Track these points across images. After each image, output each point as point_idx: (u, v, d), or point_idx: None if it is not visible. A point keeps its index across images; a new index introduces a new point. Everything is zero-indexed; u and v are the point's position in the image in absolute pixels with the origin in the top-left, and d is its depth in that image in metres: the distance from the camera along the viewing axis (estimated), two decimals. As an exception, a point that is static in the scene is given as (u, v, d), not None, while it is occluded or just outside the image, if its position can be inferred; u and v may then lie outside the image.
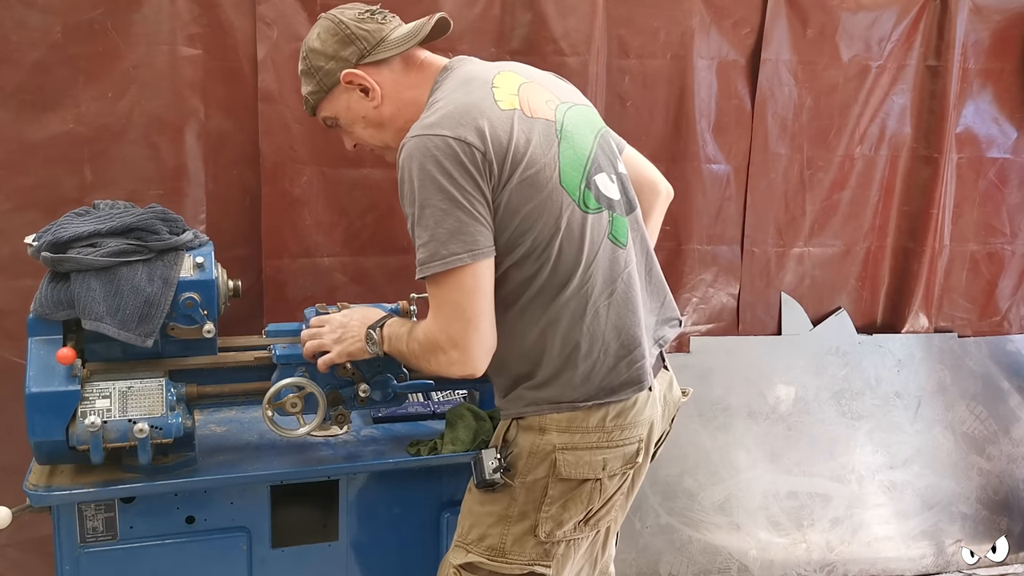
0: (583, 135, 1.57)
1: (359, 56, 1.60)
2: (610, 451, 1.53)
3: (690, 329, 2.91)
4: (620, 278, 1.54)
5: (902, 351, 3.11)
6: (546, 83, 1.65)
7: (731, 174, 2.84)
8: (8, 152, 2.17)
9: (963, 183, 3.08)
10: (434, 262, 1.40)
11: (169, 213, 1.77)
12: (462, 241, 1.40)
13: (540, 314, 1.50)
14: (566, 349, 1.50)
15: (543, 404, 1.51)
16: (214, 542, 1.72)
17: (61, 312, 1.61)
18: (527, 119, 1.50)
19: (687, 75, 2.70)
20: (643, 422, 1.57)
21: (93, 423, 1.52)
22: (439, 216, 1.39)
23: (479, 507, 1.57)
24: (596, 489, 1.53)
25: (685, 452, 2.90)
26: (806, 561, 3.00)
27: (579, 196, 1.51)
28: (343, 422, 1.82)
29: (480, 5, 2.48)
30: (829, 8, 2.80)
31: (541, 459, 1.51)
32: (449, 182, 1.39)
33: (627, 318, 1.54)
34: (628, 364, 1.53)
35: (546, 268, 1.48)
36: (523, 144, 1.46)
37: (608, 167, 1.60)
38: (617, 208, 1.58)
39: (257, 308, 2.42)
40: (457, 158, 1.40)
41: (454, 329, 1.43)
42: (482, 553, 1.55)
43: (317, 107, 1.69)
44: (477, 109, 1.46)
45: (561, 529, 1.53)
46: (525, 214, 1.46)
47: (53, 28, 2.15)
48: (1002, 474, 3.20)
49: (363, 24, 1.60)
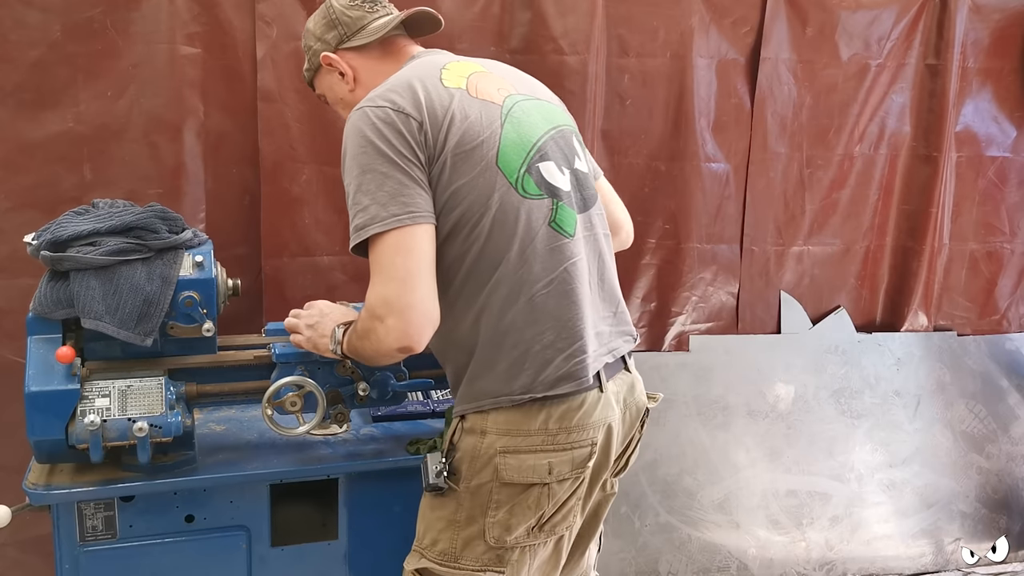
0: (533, 123, 1.55)
1: (339, 40, 1.67)
2: (556, 454, 1.46)
3: (690, 328, 2.91)
4: (563, 268, 1.48)
5: (901, 350, 3.12)
6: (511, 78, 1.64)
7: (730, 173, 2.84)
8: (7, 151, 2.18)
9: (962, 182, 3.08)
10: (374, 224, 1.39)
11: (168, 212, 1.77)
12: (402, 203, 1.39)
13: (474, 300, 1.47)
14: (497, 336, 1.46)
15: (482, 399, 1.46)
16: (213, 541, 1.72)
17: (60, 311, 1.61)
18: (470, 98, 1.50)
19: (686, 74, 2.70)
20: (594, 425, 1.49)
21: (92, 422, 1.52)
22: (379, 179, 1.40)
23: (430, 512, 1.54)
24: (544, 494, 1.47)
25: (684, 451, 2.90)
26: (805, 560, 3.00)
27: (516, 179, 1.48)
28: (342, 421, 1.82)
29: (480, 4, 2.48)
30: (829, 7, 2.80)
31: (484, 463, 1.46)
32: (389, 148, 1.41)
33: (567, 310, 1.48)
34: (567, 358, 1.46)
35: (475, 247, 1.45)
36: (460, 119, 1.46)
37: (560, 159, 1.55)
38: (564, 199, 1.52)
39: (256, 307, 2.42)
40: (395, 126, 1.42)
41: (390, 290, 1.38)
42: (435, 558, 1.51)
43: (312, 83, 1.79)
44: (419, 82, 1.48)
45: (511, 535, 1.47)
46: (455, 189, 1.44)
47: (52, 27, 2.15)
48: (1001, 473, 3.20)
49: (350, 10, 1.67)
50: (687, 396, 2.91)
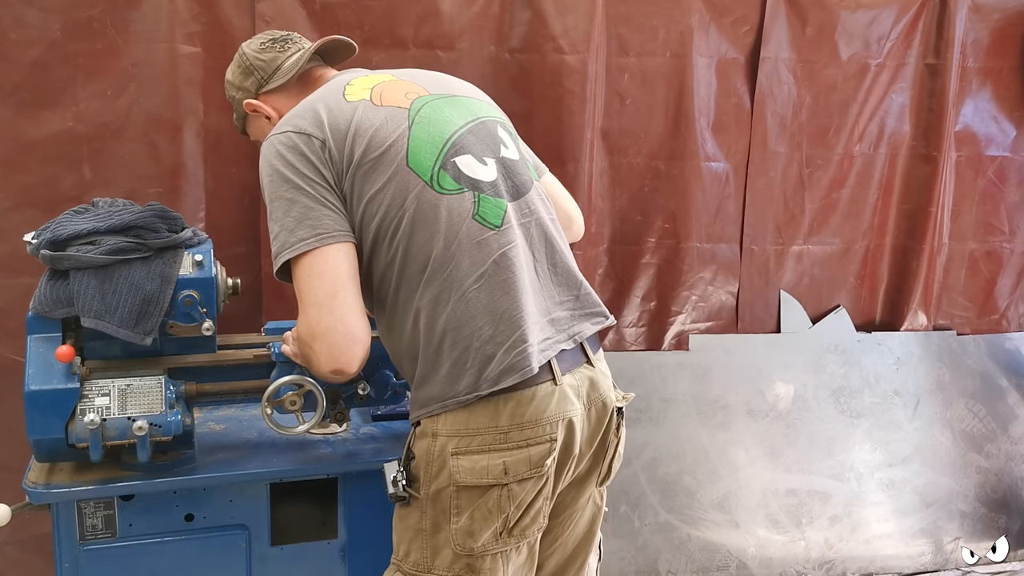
0: (446, 120, 1.53)
1: (258, 85, 1.72)
2: (510, 453, 1.41)
3: (689, 327, 2.91)
4: (492, 260, 1.44)
5: (901, 349, 3.12)
6: (424, 82, 1.62)
7: (730, 172, 2.84)
8: (7, 150, 2.17)
9: (962, 181, 3.08)
10: (284, 251, 1.41)
11: (168, 211, 1.77)
12: (309, 226, 1.41)
13: (410, 305, 1.45)
14: (435, 339, 1.43)
15: (431, 403, 1.44)
16: (213, 540, 1.72)
17: (60, 310, 1.61)
18: (373, 107, 1.51)
19: (686, 73, 2.70)
20: (549, 419, 1.44)
21: (92, 421, 1.52)
22: (286, 206, 1.42)
23: (400, 522, 1.52)
24: (505, 496, 1.42)
25: (684, 450, 2.90)
26: (805, 559, 3.00)
27: (431, 177, 1.46)
28: (342, 420, 1.82)
29: (479, 3, 2.48)
30: (828, 6, 2.80)
31: (439, 467, 1.43)
32: (292, 172, 1.43)
33: (502, 302, 1.43)
34: (507, 350, 1.41)
35: (400, 253, 1.44)
36: (364, 129, 1.47)
37: (480, 150, 1.53)
38: (488, 190, 1.49)
39: (256, 306, 2.42)
40: (297, 149, 1.44)
41: (311, 317, 1.38)
42: (410, 570, 1.48)
43: (245, 131, 1.83)
44: (321, 103, 1.50)
45: (476, 542, 1.43)
46: (370, 198, 1.45)
47: (52, 26, 2.15)
48: (1000, 472, 3.20)
49: (262, 55, 1.71)
50: (686, 395, 2.91)
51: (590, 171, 2.64)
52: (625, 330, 2.85)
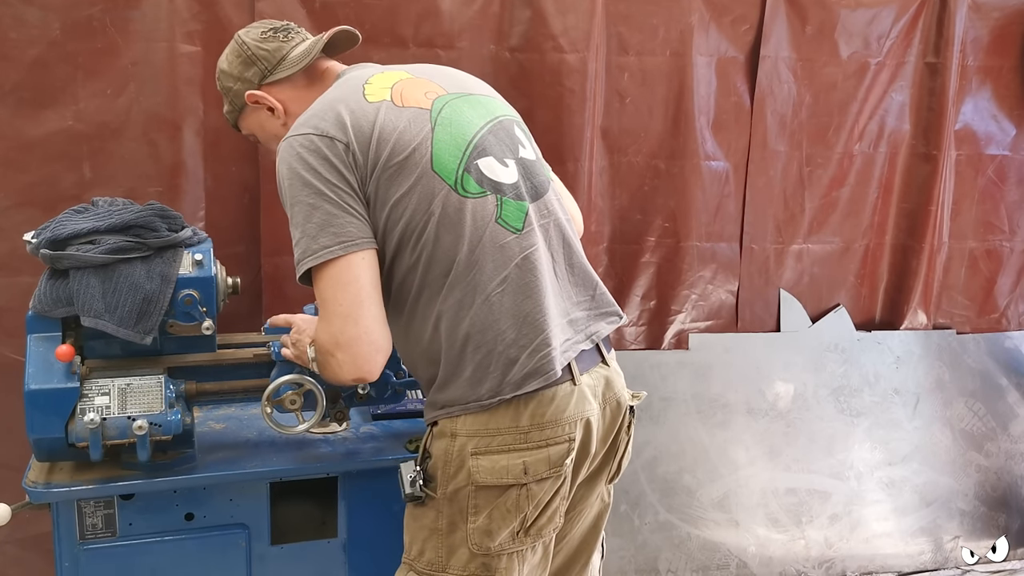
0: (467, 121, 1.51)
1: (261, 76, 1.64)
2: (530, 453, 1.42)
3: (689, 326, 2.91)
4: (514, 263, 1.44)
5: (901, 348, 3.12)
6: (440, 79, 1.59)
7: (730, 171, 2.84)
8: (7, 149, 2.17)
9: (962, 180, 3.08)
10: (307, 258, 1.38)
11: (168, 210, 1.77)
12: (332, 234, 1.37)
13: (431, 310, 1.44)
14: (458, 342, 1.43)
15: (452, 406, 1.44)
16: (213, 539, 1.72)
17: (60, 309, 1.61)
18: (395, 108, 1.47)
19: (686, 72, 2.70)
20: (568, 420, 1.45)
21: (92, 420, 1.52)
22: (307, 212, 1.38)
23: (413, 522, 1.51)
24: (523, 496, 1.42)
25: (684, 449, 2.90)
26: (805, 557, 3.00)
27: (455, 180, 1.44)
28: (342, 419, 1.82)
29: (479, 2, 2.48)
30: (828, 5, 2.80)
31: (457, 467, 1.43)
32: (314, 177, 1.39)
33: (525, 305, 1.44)
34: (531, 354, 1.42)
35: (424, 257, 1.43)
36: (388, 132, 1.43)
37: (501, 152, 1.51)
38: (509, 192, 1.48)
39: (256, 305, 2.42)
40: (320, 152, 1.40)
41: (335, 327, 1.37)
42: (423, 569, 1.48)
43: (236, 125, 1.75)
44: (341, 103, 1.45)
45: (494, 541, 1.43)
46: (395, 202, 1.42)
47: (52, 25, 2.15)
48: (1000, 471, 3.20)
49: (264, 44, 1.64)
50: (686, 394, 2.91)
51: (590, 170, 2.64)
52: (625, 329, 2.85)
